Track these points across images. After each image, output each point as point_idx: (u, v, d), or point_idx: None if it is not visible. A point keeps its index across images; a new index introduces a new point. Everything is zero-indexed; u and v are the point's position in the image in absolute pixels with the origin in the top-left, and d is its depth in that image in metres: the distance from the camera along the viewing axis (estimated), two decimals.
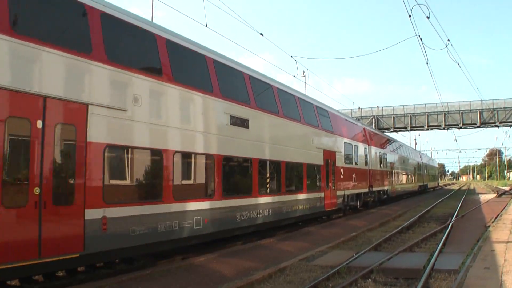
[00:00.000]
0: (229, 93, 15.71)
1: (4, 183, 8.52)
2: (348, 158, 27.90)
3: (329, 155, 24.33)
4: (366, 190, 31.97)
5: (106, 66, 10.72)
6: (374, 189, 33.96)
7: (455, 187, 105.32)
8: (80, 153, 9.89)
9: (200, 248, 14.46)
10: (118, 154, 11.18)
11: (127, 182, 11.57)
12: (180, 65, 13.44)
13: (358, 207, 30.43)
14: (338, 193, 25.49)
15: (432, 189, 76.53)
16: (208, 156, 14.24)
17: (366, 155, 32.37)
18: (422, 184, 64.51)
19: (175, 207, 12.43)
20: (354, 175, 28.64)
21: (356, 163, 29.65)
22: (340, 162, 26.03)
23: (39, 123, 9.09)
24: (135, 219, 11.04)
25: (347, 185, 27.35)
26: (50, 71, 9.53)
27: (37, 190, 8.95)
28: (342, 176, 26.22)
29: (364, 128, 34.32)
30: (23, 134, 8.98)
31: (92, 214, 9.96)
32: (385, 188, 38.17)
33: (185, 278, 10.84)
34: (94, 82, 10.52)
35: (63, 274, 11.08)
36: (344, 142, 27.45)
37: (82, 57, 10.18)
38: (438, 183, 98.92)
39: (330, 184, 24.27)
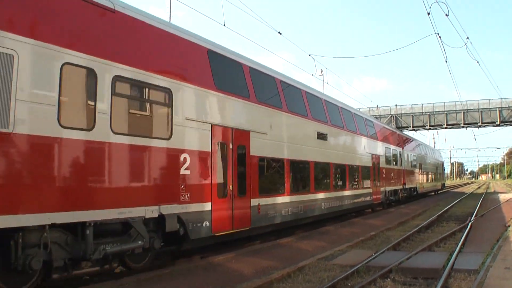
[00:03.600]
0: (316, 116, 21.12)
1: None
2: (387, 160, 33.16)
3: (375, 158, 29.65)
4: (401, 187, 37.26)
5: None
6: (407, 186, 39.41)
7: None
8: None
9: (218, 247, 14.54)
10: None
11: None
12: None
13: (394, 202, 35.26)
14: (381, 189, 30.93)
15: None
16: (306, 162, 19.62)
17: (400, 157, 37.60)
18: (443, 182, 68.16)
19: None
20: (392, 174, 34.24)
21: (393, 164, 35.04)
22: (382, 163, 31.32)
23: None
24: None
25: (388, 183, 32.76)
26: None
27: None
28: (384, 175, 31.66)
29: (398, 134, 40.20)
30: None
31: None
32: (415, 185, 43.61)
33: (203, 277, 10.90)
34: None
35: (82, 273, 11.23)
36: (385, 147, 33.04)
37: None
38: (444, 184, 76.74)
39: (376, 182, 29.54)
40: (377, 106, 67.12)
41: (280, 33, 24.31)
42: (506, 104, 59.46)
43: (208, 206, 12.93)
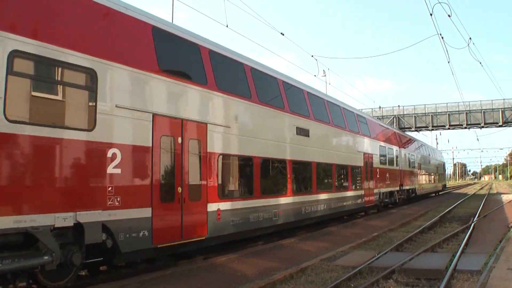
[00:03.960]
0: (296, 109, 19.00)
1: None
2: (382, 159, 30.92)
3: (368, 157, 27.48)
4: (398, 188, 34.93)
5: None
6: (404, 187, 37.09)
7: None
8: None
9: (221, 248, 14.55)
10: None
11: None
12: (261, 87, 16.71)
13: (390, 204, 33.48)
14: (375, 191, 28.71)
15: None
16: (282, 161, 17.61)
17: (397, 157, 35.34)
18: (444, 183, 65.56)
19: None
20: (387, 175, 31.86)
21: (389, 164, 32.68)
22: (376, 163, 29.13)
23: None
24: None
25: (382, 184, 30.42)
26: None
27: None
28: (378, 176, 29.34)
29: (395, 132, 37.75)
30: None
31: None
32: (414, 187, 41.20)
33: (206, 278, 10.91)
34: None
35: (86, 273, 11.26)
36: (379, 145, 30.61)
37: None
38: (445, 185, 74.78)
39: (368, 183, 27.35)
40: (380, 107, 67.07)
41: (283, 34, 24.34)
42: (508, 104, 59.34)
43: (146, 212, 10.87)
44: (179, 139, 12.14)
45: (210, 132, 13.30)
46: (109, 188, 9.96)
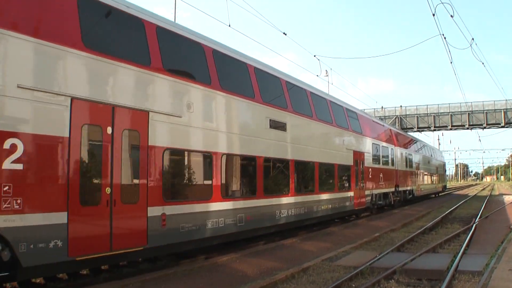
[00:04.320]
0: (270, 99, 16.80)
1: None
2: (375, 158, 28.65)
3: (358, 155, 25.16)
4: (393, 189, 32.66)
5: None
6: (401, 188, 34.67)
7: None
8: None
9: (223, 248, 14.57)
10: None
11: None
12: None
13: (386, 206, 31.36)
14: (367, 192, 26.36)
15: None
16: (251, 158, 15.55)
17: (392, 156, 33.04)
18: (444, 184, 63.60)
19: None
20: (381, 175, 29.51)
21: (383, 163, 30.37)
22: (368, 162, 26.85)
23: None
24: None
25: (375, 185, 28.16)
26: None
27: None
28: (370, 176, 27.11)
29: (390, 129, 35.03)
30: None
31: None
32: (411, 188, 38.76)
33: (208, 277, 10.94)
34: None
35: (87, 272, 11.28)
36: (372, 143, 28.26)
37: None
38: (445, 186, 71.31)
39: (359, 183, 25.05)
40: (382, 107, 67.11)
41: (285, 34, 24.32)
42: (511, 105, 59.29)
43: (60, 218, 8.99)
44: (109, 129, 10.08)
45: (153, 122, 11.22)
46: (5, 188, 8.16)
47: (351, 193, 23.91)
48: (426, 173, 48.09)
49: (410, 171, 39.08)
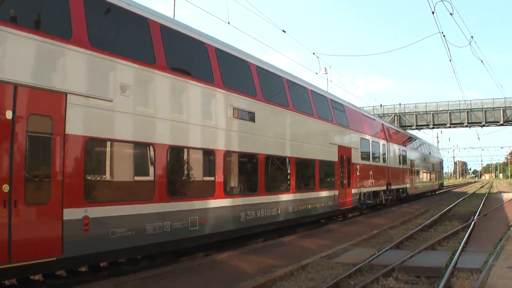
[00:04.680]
0: (234, 85, 14.76)
1: None
2: (365, 154, 26.89)
3: (344, 151, 23.35)
4: (384, 188, 30.99)
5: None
6: (393, 187, 32.98)
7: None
8: None
9: (221, 245, 14.58)
10: None
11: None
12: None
13: (377, 205, 30.23)
14: (354, 191, 24.55)
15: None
16: (209, 152, 13.42)
17: (384, 152, 31.34)
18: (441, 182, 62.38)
19: None
20: (371, 173, 27.78)
21: (373, 160, 28.67)
22: (356, 158, 25.14)
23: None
24: None
25: (364, 183, 26.52)
26: None
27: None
28: (358, 173, 25.30)
29: (382, 124, 33.13)
30: None
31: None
32: (405, 186, 37.11)
33: (207, 275, 10.94)
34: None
35: (86, 270, 11.28)
36: (361, 138, 26.37)
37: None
38: (442, 184, 67.92)
39: (345, 181, 23.34)
40: (381, 105, 67.04)
41: (285, 31, 24.37)
42: (510, 103, 59.27)
43: None
44: (8, 114, 8.31)
45: (72, 106, 9.39)
46: None
47: (335, 192, 22.00)
48: (421, 170, 46.34)
49: (404, 169, 37.44)
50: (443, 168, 71.04)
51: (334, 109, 22.92)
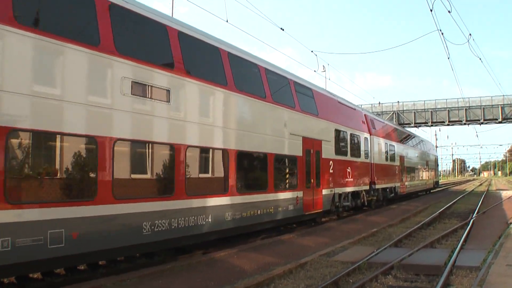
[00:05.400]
0: (134, 52, 11.10)
1: None
2: (340, 148, 22.93)
3: (312, 144, 19.42)
4: (367, 187, 26.96)
5: None
6: (378, 186, 28.98)
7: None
8: None
9: (220, 243, 14.56)
10: None
11: None
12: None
13: (358, 208, 26.36)
14: (325, 191, 20.58)
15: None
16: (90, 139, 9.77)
17: (366, 146, 27.21)
18: (436, 180, 59.86)
19: None
20: (349, 170, 23.74)
21: (352, 155, 24.49)
22: (328, 153, 21.14)
23: None
24: None
25: (340, 182, 22.43)
26: None
27: None
28: (331, 171, 21.30)
29: (365, 115, 28.90)
30: None
31: None
32: (393, 185, 33.15)
33: (205, 272, 10.92)
34: None
35: (85, 267, 11.25)
36: (336, 130, 22.28)
37: None
38: (437, 182, 63.88)
39: (312, 180, 19.33)
40: (379, 103, 67.11)
41: (283, 29, 24.30)
42: (508, 101, 59.34)
43: None
44: None
45: None
46: None
47: (298, 193, 18.00)
48: (413, 167, 42.23)
49: (392, 166, 33.38)
50: (438, 165, 68.54)
51: (298, 94, 18.95)
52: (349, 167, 23.62)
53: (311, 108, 19.94)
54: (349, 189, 23.64)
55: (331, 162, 21.28)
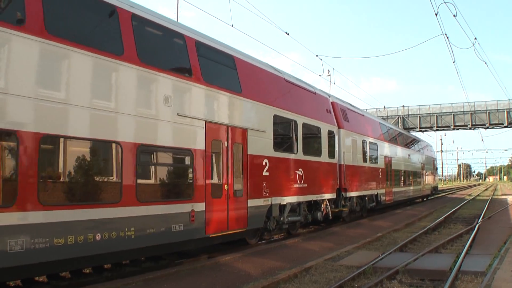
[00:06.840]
0: None
1: None
2: (283, 143, 17.10)
3: (225, 133, 13.58)
4: (332, 195, 20.80)
5: None
6: (351, 194, 22.79)
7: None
8: None
9: (225, 247, 14.57)
10: None
11: None
12: None
13: (316, 222, 20.75)
14: (253, 202, 14.64)
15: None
16: None
17: (332, 142, 21.12)
18: (434, 185, 53.60)
19: None
20: (300, 172, 17.67)
21: (306, 153, 18.37)
22: (260, 148, 15.23)
23: None
24: None
25: (281, 189, 16.38)
26: None
27: None
28: (266, 173, 15.42)
29: (333, 103, 22.66)
30: None
31: None
32: (375, 192, 26.92)
33: (210, 277, 10.93)
34: None
35: (90, 271, 11.29)
36: (275, 116, 16.23)
37: None
38: (435, 187, 57.42)
39: (226, 186, 13.51)
40: (384, 107, 67.13)
41: (288, 34, 24.32)
42: None
43: None
44: None
45: None
46: None
47: (194, 206, 12.03)
48: (404, 170, 35.37)
49: (373, 168, 27.03)
50: (437, 168, 61.14)
51: (202, 59, 13.08)
52: (300, 169, 17.67)
53: (228, 83, 14.21)
54: (300, 198, 17.68)
55: (265, 160, 15.43)
